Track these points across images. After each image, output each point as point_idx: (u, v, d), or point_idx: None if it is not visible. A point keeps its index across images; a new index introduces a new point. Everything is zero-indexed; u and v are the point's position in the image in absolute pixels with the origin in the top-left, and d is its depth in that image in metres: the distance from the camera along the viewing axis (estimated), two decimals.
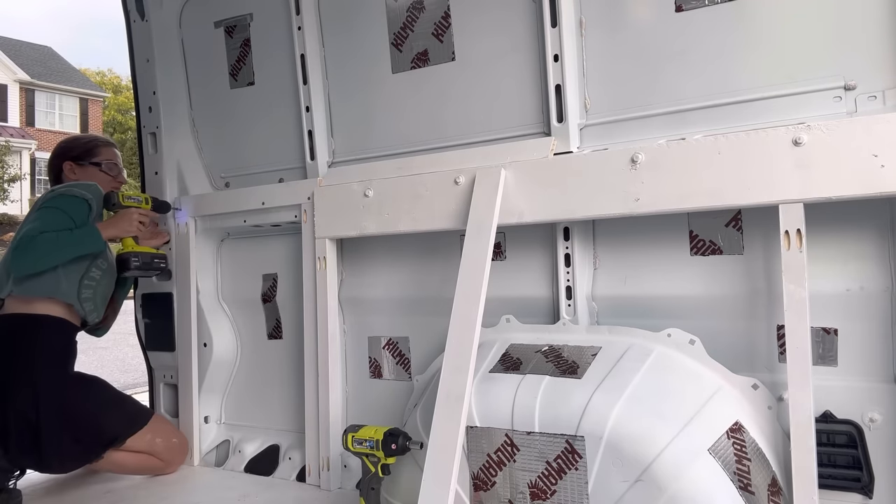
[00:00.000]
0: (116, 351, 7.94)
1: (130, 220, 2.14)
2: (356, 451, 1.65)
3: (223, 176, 2.42)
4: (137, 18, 2.43)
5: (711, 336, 1.56)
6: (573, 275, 1.77)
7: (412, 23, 1.97)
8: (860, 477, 1.46)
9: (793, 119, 1.49)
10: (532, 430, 1.47)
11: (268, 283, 2.35)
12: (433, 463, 1.46)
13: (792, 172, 1.38)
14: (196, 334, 2.37)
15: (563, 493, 1.43)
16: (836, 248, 1.49)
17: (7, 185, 20.69)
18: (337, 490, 2.00)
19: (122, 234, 2.15)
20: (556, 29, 1.72)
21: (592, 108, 1.74)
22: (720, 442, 1.37)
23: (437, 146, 1.95)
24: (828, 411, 1.49)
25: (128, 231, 2.14)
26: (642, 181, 1.53)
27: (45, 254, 1.95)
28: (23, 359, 1.96)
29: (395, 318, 2.09)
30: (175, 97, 2.43)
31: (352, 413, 2.14)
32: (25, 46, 26.57)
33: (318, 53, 2.13)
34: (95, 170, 2.29)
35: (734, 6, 1.56)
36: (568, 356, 1.60)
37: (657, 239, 1.68)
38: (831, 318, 1.50)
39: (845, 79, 1.47)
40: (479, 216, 1.69)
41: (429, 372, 1.92)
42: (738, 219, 1.60)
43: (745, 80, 1.56)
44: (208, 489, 2.07)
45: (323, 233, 2.04)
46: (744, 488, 1.34)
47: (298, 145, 2.20)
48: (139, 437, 2.08)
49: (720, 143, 1.46)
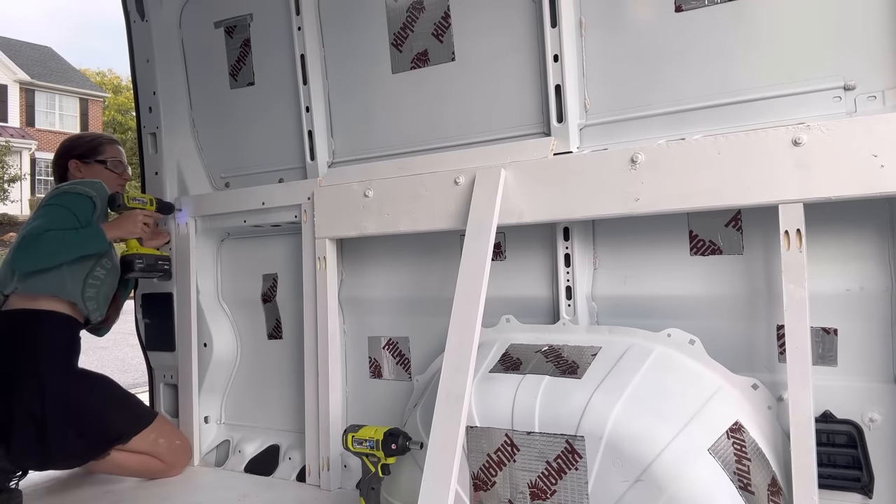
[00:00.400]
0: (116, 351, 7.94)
1: (135, 222, 2.15)
2: (356, 451, 1.65)
3: (223, 176, 2.42)
4: (137, 19, 2.43)
5: (711, 336, 1.56)
6: (573, 275, 1.77)
7: (412, 23, 1.97)
8: (860, 477, 1.46)
9: (793, 119, 1.49)
10: (532, 430, 1.47)
11: (268, 283, 2.35)
12: (433, 463, 1.46)
13: (792, 172, 1.38)
14: (196, 334, 2.37)
15: (563, 493, 1.43)
16: (835, 248, 1.49)
17: (7, 185, 20.71)
18: (337, 490, 2.00)
19: (126, 236, 2.16)
20: (555, 29, 1.72)
21: (592, 108, 1.74)
22: (720, 442, 1.37)
23: (437, 146, 1.95)
24: (828, 411, 1.49)
25: (132, 233, 2.16)
26: (642, 181, 1.53)
27: (49, 252, 1.96)
28: (27, 354, 1.97)
29: (395, 319, 2.09)
30: (175, 97, 2.43)
31: (352, 413, 2.15)
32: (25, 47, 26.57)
33: (318, 54, 2.13)
34: (101, 167, 2.30)
35: (734, 6, 1.56)
36: (568, 356, 1.60)
37: (657, 239, 1.68)
38: (831, 318, 1.50)
39: (845, 79, 1.47)
40: (479, 216, 1.69)
41: (429, 372, 1.92)
42: (737, 219, 1.60)
43: (744, 80, 1.56)
44: (208, 489, 2.07)
45: (323, 233, 2.04)
46: (744, 488, 1.34)
47: (298, 145, 2.20)
48: (143, 437, 2.08)
49: (720, 143, 1.46)
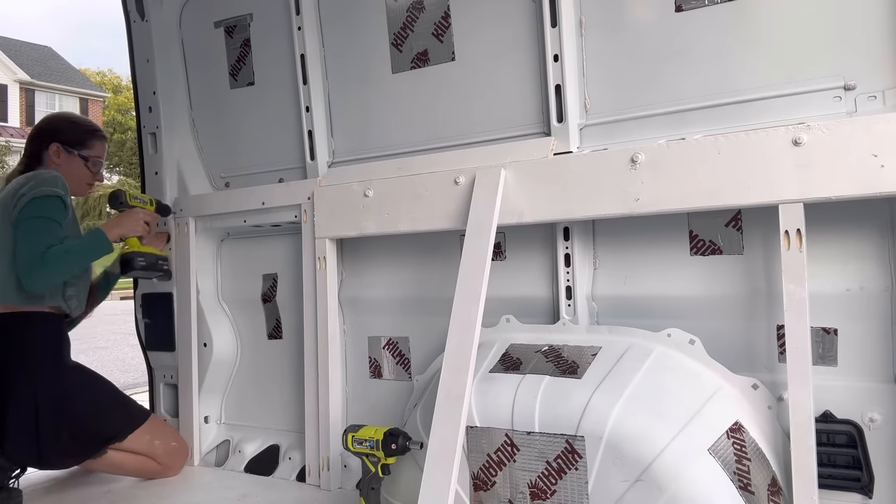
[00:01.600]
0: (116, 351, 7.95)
1: (137, 220, 2.13)
2: (356, 451, 1.65)
3: (223, 176, 2.42)
4: (137, 18, 2.43)
5: (711, 336, 1.56)
6: (573, 275, 1.77)
7: (412, 23, 1.97)
8: (860, 477, 1.46)
9: (793, 119, 1.49)
10: (532, 430, 1.47)
11: (268, 283, 2.35)
12: (433, 463, 1.46)
13: (792, 172, 1.38)
14: (196, 334, 2.37)
15: (563, 492, 1.43)
16: (835, 248, 1.49)
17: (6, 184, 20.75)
18: (337, 490, 2.00)
19: (128, 233, 2.13)
20: (555, 29, 1.72)
21: (592, 108, 1.74)
22: (720, 442, 1.37)
23: (437, 146, 1.95)
24: (828, 411, 1.49)
25: (134, 230, 2.13)
26: (642, 181, 1.53)
27: (59, 269, 1.91)
28: (17, 354, 1.96)
29: (395, 318, 2.09)
30: (175, 97, 2.43)
31: (352, 413, 2.15)
32: (25, 46, 26.61)
33: (318, 53, 2.14)
34: (80, 162, 2.16)
35: (734, 6, 1.56)
36: (568, 356, 1.60)
37: (657, 239, 1.68)
38: (831, 318, 1.50)
39: (845, 79, 1.47)
40: (479, 216, 1.69)
41: (429, 372, 1.92)
42: (737, 219, 1.60)
43: (744, 79, 1.56)
44: (208, 489, 2.07)
45: (323, 233, 2.04)
46: (744, 488, 1.34)
47: (298, 145, 2.20)
48: (138, 438, 2.07)
49: (720, 143, 1.46)
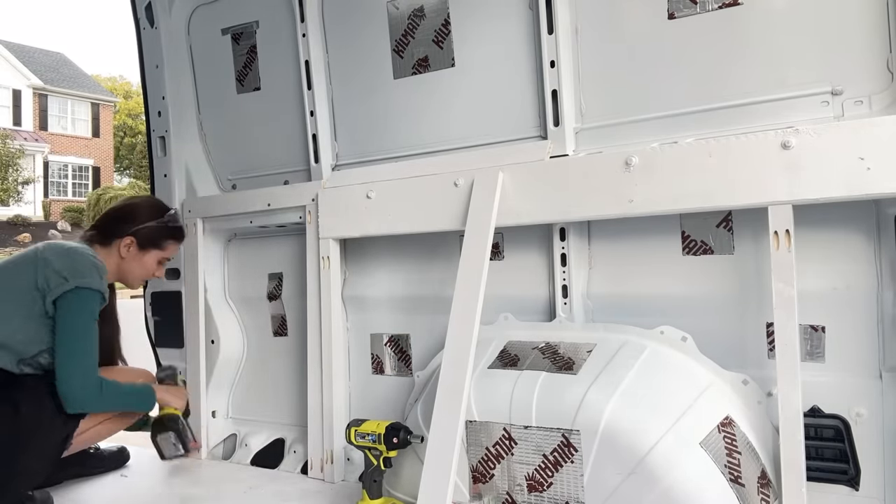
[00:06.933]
0: None
1: (182, 398, 2.21)
2: (359, 444, 1.69)
3: (230, 178, 2.46)
4: (147, 26, 2.47)
5: (703, 333, 1.59)
6: (569, 274, 1.80)
7: (413, 30, 2.01)
8: (847, 470, 1.49)
9: (782, 123, 1.51)
10: (529, 425, 1.51)
11: (273, 282, 2.39)
12: (433, 456, 1.50)
13: (781, 175, 1.41)
14: (204, 331, 2.41)
15: (559, 485, 1.47)
16: (823, 248, 1.52)
17: (21, 187, 20.96)
18: (340, 482, 2.03)
19: (170, 405, 2.17)
20: (552, 36, 1.76)
21: (587, 112, 1.77)
22: (711, 435, 1.41)
23: (437, 149, 1.99)
24: (815, 406, 1.52)
25: (178, 406, 2.19)
26: (636, 183, 1.56)
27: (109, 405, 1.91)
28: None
29: (396, 316, 2.13)
30: (183, 102, 2.47)
31: (354, 408, 2.18)
32: (38, 53, 26.77)
33: (322, 60, 2.17)
34: (144, 257, 2.04)
35: (725, 14, 1.59)
36: (564, 353, 1.64)
37: (650, 239, 1.72)
38: (819, 315, 1.53)
39: (832, 84, 1.50)
40: (478, 217, 1.72)
41: (429, 368, 1.95)
42: (728, 220, 1.63)
43: (735, 85, 1.59)
44: (216, 481, 2.11)
45: (327, 233, 2.08)
46: (734, 480, 1.38)
47: (303, 148, 2.24)
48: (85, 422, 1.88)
49: (711, 147, 1.49)
